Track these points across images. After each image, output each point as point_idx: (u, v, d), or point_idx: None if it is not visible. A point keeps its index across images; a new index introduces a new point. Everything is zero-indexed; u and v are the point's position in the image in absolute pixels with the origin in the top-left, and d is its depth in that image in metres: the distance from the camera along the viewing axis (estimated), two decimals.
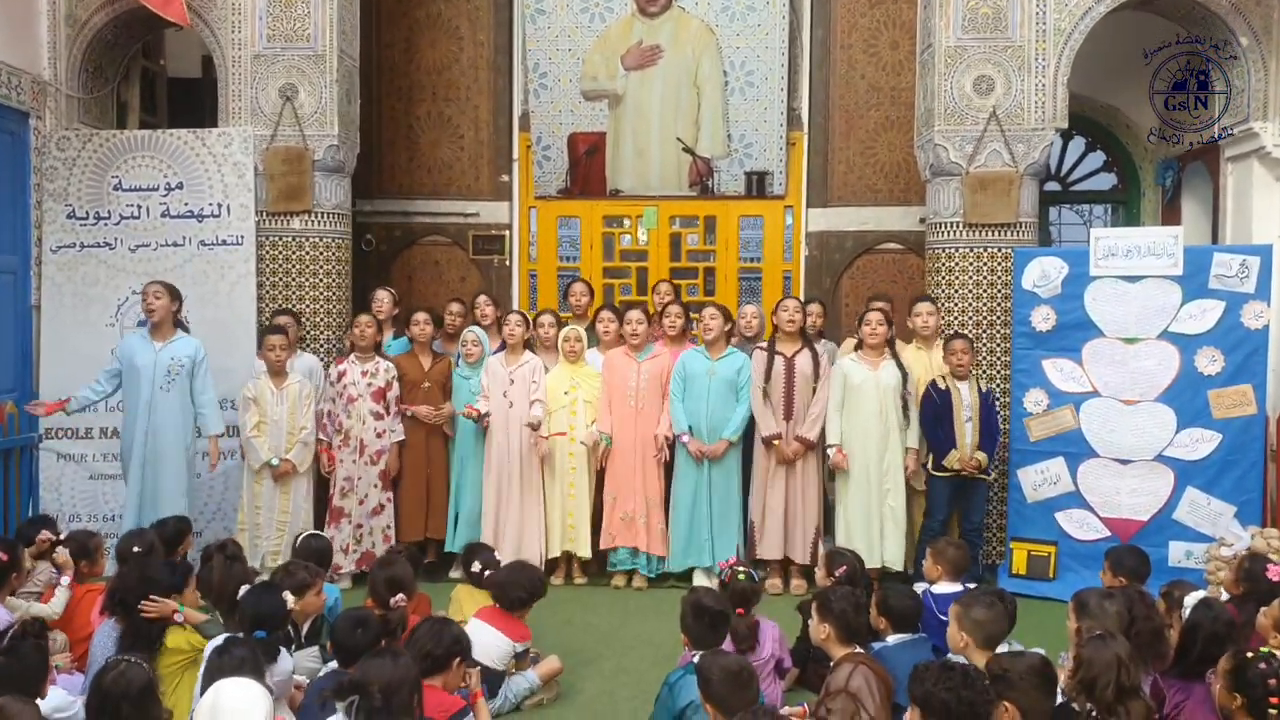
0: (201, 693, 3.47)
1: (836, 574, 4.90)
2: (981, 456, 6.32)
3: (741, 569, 4.64)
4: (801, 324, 6.59)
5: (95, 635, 4.42)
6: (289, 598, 4.08)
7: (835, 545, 6.52)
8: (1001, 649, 3.83)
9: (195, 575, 4.61)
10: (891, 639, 4.41)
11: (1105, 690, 3.31)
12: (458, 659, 3.81)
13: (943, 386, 6.38)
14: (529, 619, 5.30)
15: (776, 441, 6.44)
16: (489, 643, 4.57)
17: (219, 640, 3.95)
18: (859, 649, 4.15)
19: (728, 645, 4.32)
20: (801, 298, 7.72)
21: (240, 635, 3.82)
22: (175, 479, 6.24)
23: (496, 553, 5.59)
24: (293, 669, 4.14)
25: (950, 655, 4.55)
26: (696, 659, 3.79)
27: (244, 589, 4.21)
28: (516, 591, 4.82)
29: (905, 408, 6.37)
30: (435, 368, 6.92)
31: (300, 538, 5.44)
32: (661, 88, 8.75)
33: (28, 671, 3.35)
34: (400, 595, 4.53)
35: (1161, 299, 6.39)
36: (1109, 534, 6.49)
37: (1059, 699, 3.42)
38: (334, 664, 4.10)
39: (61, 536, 5.26)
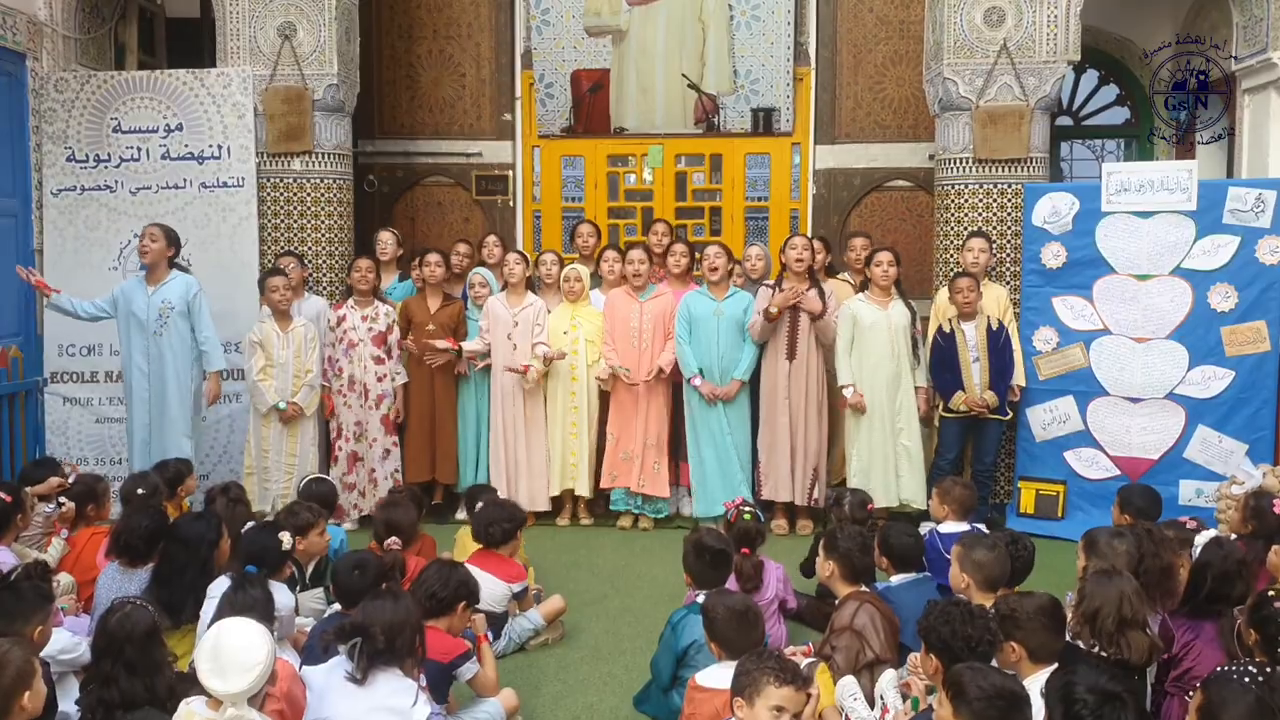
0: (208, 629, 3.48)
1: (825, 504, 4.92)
2: (990, 396, 6.26)
3: (748, 508, 4.61)
4: (810, 262, 6.51)
5: (99, 579, 4.42)
6: (285, 537, 4.04)
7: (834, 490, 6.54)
8: None
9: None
10: (896, 579, 4.39)
11: (1107, 622, 3.29)
12: (463, 603, 3.80)
13: (947, 330, 6.31)
14: (530, 558, 5.34)
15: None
16: (485, 587, 4.51)
17: (227, 581, 3.95)
18: (864, 588, 4.13)
19: (732, 585, 4.32)
20: (810, 236, 7.64)
21: (253, 575, 3.81)
22: (179, 422, 6.23)
23: (503, 494, 5.60)
24: (294, 605, 4.13)
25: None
26: (701, 598, 3.78)
27: (248, 526, 4.22)
28: (499, 525, 4.74)
29: (915, 346, 6.31)
30: (443, 310, 6.84)
31: (304, 481, 5.44)
32: (666, 23, 8.59)
33: (22, 609, 3.34)
34: (394, 539, 4.52)
35: (1174, 235, 6.29)
36: (1118, 473, 6.45)
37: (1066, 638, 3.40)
38: (337, 607, 4.11)
39: (71, 481, 5.26)
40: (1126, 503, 4.94)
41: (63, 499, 5.10)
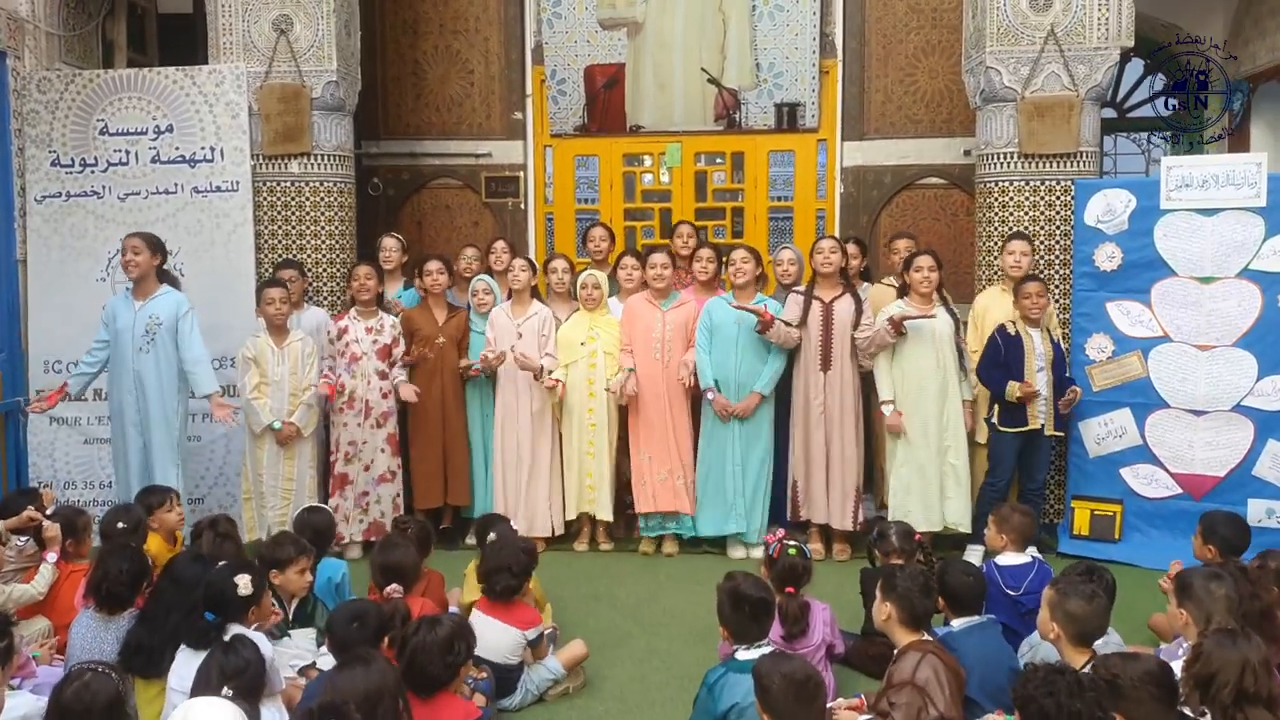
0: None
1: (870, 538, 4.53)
2: (1076, 390, 5.84)
3: (792, 543, 4.15)
4: (839, 265, 6.05)
5: (73, 626, 4.00)
6: (243, 581, 3.56)
7: (879, 513, 6.08)
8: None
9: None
10: (957, 623, 3.94)
11: (1223, 692, 2.84)
12: (461, 665, 3.34)
13: (1012, 332, 5.83)
14: (546, 591, 4.90)
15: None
16: (494, 638, 4.09)
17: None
18: (926, 635, 3.67)
19: (775, 629, 3.88)
20: (838, 237, 7.18)
21: (245, 636, 3.37)
22: (164, 447, 5.77)
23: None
24: (272, 657, 3.67)
25: (1028, 642, 4.13)
26: (741, 654, 3.34)
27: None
28: (502, 580, 4.25)
29: (961, 357, 5.85)
30: (451, 321, 6.38)
31: (299, 512, 4.99)
32: (684, 14, 8.14)
33: None
34: (395, 586, 4.07)
35: (1241, 233, 5.80)
36: (1180, 491, 6.00)
37: None
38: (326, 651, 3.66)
39: (49, 512, 4.82)
40: (1210, 532, 4.45)
41: (45, 523, 4.68)
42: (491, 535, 4.71)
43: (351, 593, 4.72)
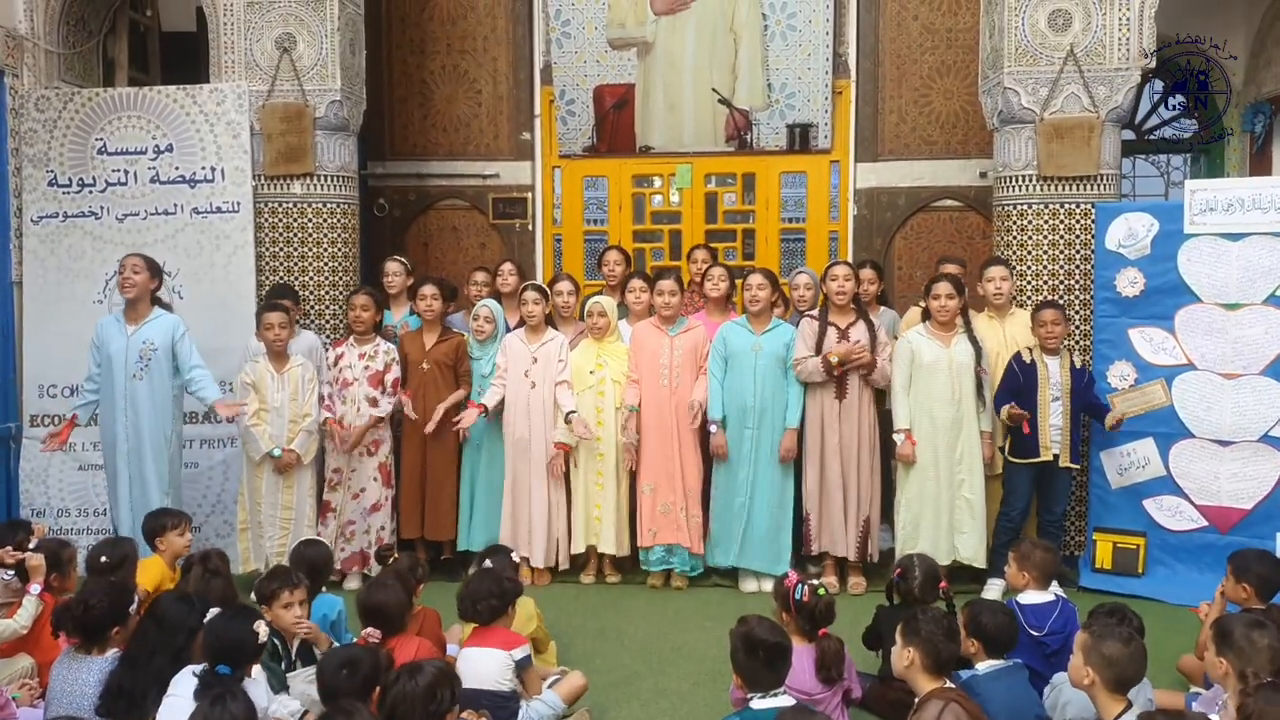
0: None
1: (894, 576, 4.33)
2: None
3: (816, 583, 3.98)
4: (853, 292, 5.88)
5: (54, 667, 3.82)
6: (261, 628, 3.42)
7: (895, 545, 5.90)
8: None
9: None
10: (983, 666, 3.75)
11: None
12: (445, 714, 3.16)
13: (1028, 360, 5.66)
14: (551, 626, 4.74)
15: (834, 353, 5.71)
16: (481, 665, 3.92)
17: (192, 676, 3.35)
18: (948, 682, 3.48)
19: (808, 674, 3.73)
20: (850, 260, 7.02)
21: (238, 689, 3.19)
22: (157, 475, 5.62)
23: (517, 554, 4.98)
24: (267, 708, 3.50)
25: (1052, 684, 3.94)
26: (766, 709, 3.18)
27: (212, 612, 3.60)
28: (485, 602, 4.08)
29: (980, 387, 5.67)
30: (438, 346, 6.20)
31: (295, 545, 4.82)
32: (695, 34, 8.02)
33: None
34: (371, 630, 3.90)
35: (1268, 259, 5.62)
36: (1205, 524, 5.80)
37: None
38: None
39: (31, 546, 4.65)
40: (1243, 571, 4.24)
41: (29, 553, 4.50)
42: (487, 562, 4.54)
43: (348, 630, 4.54)
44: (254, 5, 6.53)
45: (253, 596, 4.29)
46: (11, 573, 4.55)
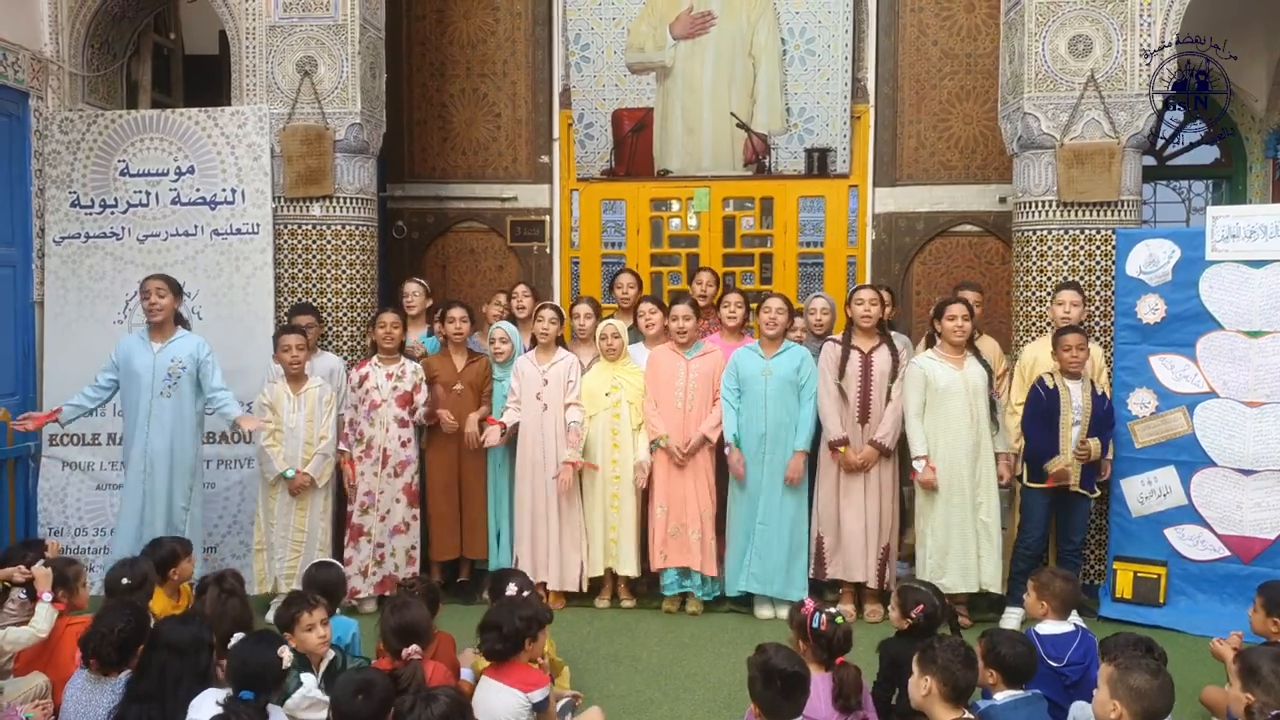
0: None
1: (913, 615, 4.20)
2: (1094, 444, 5.58)
3: (834, 611, 3.94)
4: (879, 317, 5.86)
5: (67, 688, 3.82)
6: (286, 653, 3.41)
7: (910, 572, 5.83)
8: None
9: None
10: (1001, 696, 3.69)
11: None
12: None
13: (1051, 385, 5.63)
14: (565, 653, 4.68)
15: (843, 448, 5.73)
16: (495, 701, 3.85)
17: (213, 701, 3.32)
18: (967, 712, 3.44)
19: (825, 702, 3.68)
20: (876, 286, 6.97)
21: (253, 707, 3.18)
22: (179, 492, 5.64)
23: (533, 576, 4.95)
24: None
25: (1072, 715, 3.89)
26: None
27: (236, 637, 3.58)
28: (490, 640, 3.98)
29: (993, 409, 5.63)
30: (470, 368, 6.23)
31: (307, 567, 4.81)
32: (714, 58, 8.04)
33: None
34: (414, 648, 3.86)
35: None
36: (1228, 554, 5.73)
37: None
38: None
39: (41, 563, 4.64)
40: (1273, 604, 4.18)
41: (35, 570, 4.49)
42: (511, 586, 4.48)
43: (362, 653, 4.52)
44: (276, 29, 6.58)
45: (271, 621, 4.27)
46: (25, 593, 4.55)
